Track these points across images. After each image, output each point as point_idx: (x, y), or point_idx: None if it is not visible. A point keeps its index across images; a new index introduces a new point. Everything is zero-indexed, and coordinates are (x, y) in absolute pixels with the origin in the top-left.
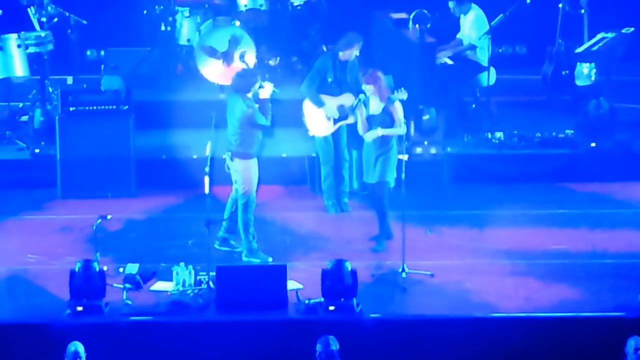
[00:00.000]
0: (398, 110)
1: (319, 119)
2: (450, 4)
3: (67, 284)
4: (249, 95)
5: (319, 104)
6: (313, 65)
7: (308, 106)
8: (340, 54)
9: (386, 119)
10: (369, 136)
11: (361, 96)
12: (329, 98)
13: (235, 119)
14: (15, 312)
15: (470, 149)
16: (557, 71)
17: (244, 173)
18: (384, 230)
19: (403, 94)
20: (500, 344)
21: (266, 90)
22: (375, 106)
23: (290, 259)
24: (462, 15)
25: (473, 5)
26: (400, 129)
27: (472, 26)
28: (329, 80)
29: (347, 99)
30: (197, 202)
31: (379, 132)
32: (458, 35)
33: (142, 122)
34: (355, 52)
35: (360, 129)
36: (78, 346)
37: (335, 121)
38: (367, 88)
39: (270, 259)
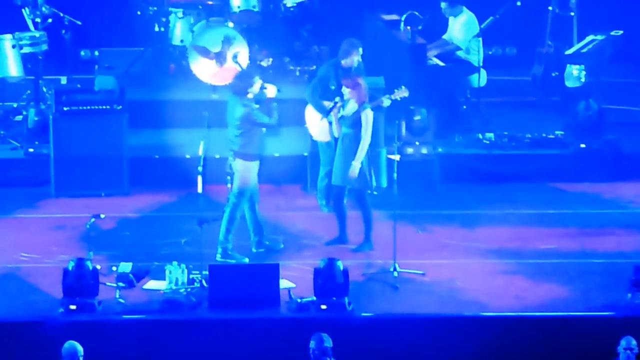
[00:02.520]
0: (369, 117)
1: (321, 125)
2: (443, 5)
3: (60, 283)
4: (249, 96)
5: (322, 110)
6: (306, 66)
7: (310, 112)
8: (342, 62)
9: (356, 122)
10: (353, 174)
11: (337, 99)
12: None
13: (235, 119)
14: (8, 310)
15: (460, 149)
16: (546, 72)
17: (243, 173)
18: (368, 230)
19: (404, 92)
20: (491, 342)
21: (270, 90)
22: (350, 109)
23: (282, 258)
24: (452, 17)
25: (464, 8)
26: (365, 139)
27: (461, 28)
28: (332, 87)
29: None
30: (190, 201)
31: (356, 165)
32: (445, 36)
33: (136, 122)
34: (355, 57)
35: (334, 130)
36: (76, 346)
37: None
38: (346, 91)
39: (246, 260)
